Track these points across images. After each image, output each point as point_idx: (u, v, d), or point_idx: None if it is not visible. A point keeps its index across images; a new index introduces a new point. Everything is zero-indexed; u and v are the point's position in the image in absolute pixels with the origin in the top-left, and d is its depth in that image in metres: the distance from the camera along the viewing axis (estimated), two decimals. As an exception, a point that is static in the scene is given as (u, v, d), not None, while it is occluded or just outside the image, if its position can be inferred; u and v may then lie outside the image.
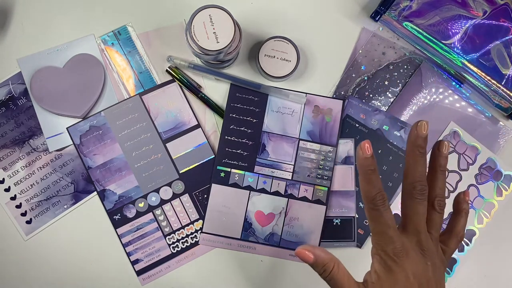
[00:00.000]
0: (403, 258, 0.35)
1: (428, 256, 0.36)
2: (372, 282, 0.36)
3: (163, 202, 0.54)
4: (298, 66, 0.53)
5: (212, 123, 0.55)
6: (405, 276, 0.35)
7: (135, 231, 0.53)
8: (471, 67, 0.53)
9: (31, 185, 0.54)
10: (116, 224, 0.53)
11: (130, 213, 0.53)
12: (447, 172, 0.39)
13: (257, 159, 0.54)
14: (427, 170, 0.38)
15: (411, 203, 0.37)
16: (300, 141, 0.54)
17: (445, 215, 0.55)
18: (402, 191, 0.38)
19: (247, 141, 0.54)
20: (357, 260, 0.54)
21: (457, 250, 0.55)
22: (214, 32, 0.46)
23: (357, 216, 0.54)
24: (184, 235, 0.54)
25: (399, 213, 0.54)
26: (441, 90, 0.56)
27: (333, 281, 0.37)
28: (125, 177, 0.54)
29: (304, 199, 0.54)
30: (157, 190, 0.54)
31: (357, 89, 0.56)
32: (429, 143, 0.55)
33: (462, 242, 0.55)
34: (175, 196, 0.54)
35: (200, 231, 0.54)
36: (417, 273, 0.35)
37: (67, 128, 0.54)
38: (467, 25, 0.53)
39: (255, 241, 0.53)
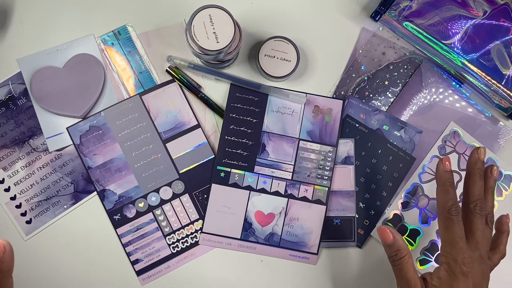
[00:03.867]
0: (469, 269, 0.39)
1: (486, 269, 0.41)
2: (434, 285, 0.40)
3: (163, 202, 0.54)
4: (298, 66, 0.53)
5: (212, 123, 0.55)
6: (466, 285, 0.39)
7: (135, 231, 0.53)
8: (471, 67, 0.53)
9: (31, 185, 0.54)
10: (116, 224, 0.53)
11: (130, 213, 0.53)
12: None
13: (257, 159, 0.54)
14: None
15: (473, 219, 0.42)
16: (300, 141, 0.54)
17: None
18: (464, 208, 0.43)
19: (247, 141, 0.54)
20: (357, 260, 0.54)
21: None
22: (214, 32, 0.46)
23: (357, 216, 0.54)
24: (184, 235, 0.54)
25: (398, 213, 0.55)
26: (441, 90, 0.56)
27: (400, 267, 0.40)
28: (125, 177, 0.54)
29: (304, 199, 0.54)
30: (157, 190, 0.54)
31: (357, 89, 0.56)
32: (429, 144, 0.56)
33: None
34: (175, 196, 0.54)
35: (200, 231, 0.54)
36: (476, 283, 0.39)
37: (67, 128, 0.54)
38: (467, 25, 0.53)
39: (255, 241, 0.53)
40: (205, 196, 0.54)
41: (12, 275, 0.33)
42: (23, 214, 0.53)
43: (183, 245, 0.54)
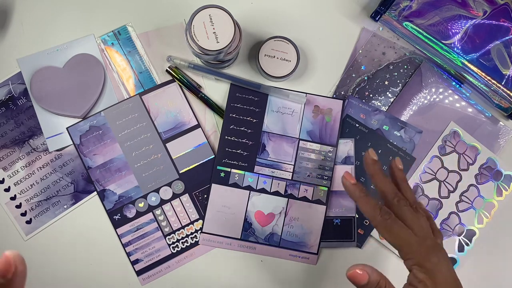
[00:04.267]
0: (437, 257, 0.38)
1: (445, 252, 0.39)
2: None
3: (163, 202, 0.54)
4: (298, 66, 0.53)
5: (212, 123, 0.55)
6: (449, 269, 0.38)
7: (135, 231, 0.53)
8: (471, 67, 0.53)
9: (31, 185, 0.53)
10: (116, 224, 0.53)
11: (130, 213, 0.53)
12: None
13: (257, 159, 0.54)
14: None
15: (402, 213, 0.40)
16: (300, 141, 0.54)
17: (445, 215, 0.55)
18: (389, 208, 0.41)
19: (247, 141, 0.54)
20: (357, 260, 0.54)
21: (457, 250, 0.55)
22: (214, 32, 0.46)
23: (357, 216, 0.54)
24: (184, 235, 0.54)
25: (399, 213, 0.54)
26: (441, 90, 0.56)
27: None
28: (125, 177, 0.54)
29: (304, 199, 0.54)
30: (157, 190, 0.54)
31: (357, 89, 0.56)
32: (429, 144, 0.56)
33: (462, 242, 0.55)
34: (175, 196, 0.54)
35: (200, 231, 0.54)
36: (450, 267, 0.38)
37: (67, 128, 0.54)
38: (467, 25, 0.53)
39: (255, 241, 0.53)
40: (205, 196, 0.54)
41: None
42: (23, 214, 0.53)
43: (183, 245, 0.54)
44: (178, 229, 0.54)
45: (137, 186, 0.54)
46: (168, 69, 0.54)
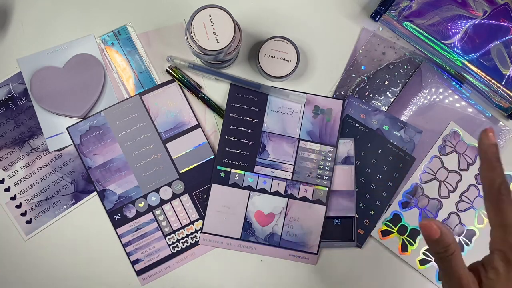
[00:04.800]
0: None
1: None
2: (490, 278, 0.34)
3: (163, 202, 0.54)
4: (298, 66, 0.53)
5: (212, 123, 0.55)
6: None
7: (135, 231, 0.53)
8: (471, 67, 0.53)
9: (31, 185, 0.53)
10: (116, 224, 0.53)
11: (130, 213, 0.53)
12: None
13: (257, 159, 0.54)
14: None
15: (503, 204, 0.34)
16: (300, 141, 0.54)
17: (445, 215, 0.55)
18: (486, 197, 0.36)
19: (247, 141, 0.54)
20: (357, 260, 0.54)
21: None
22: (214, 32, 0.46)
23: (357, 216, 0.54)
24: (184, 235, 0.54)
25: (398, 212, 0.55)
26: (441, 90, 0.56)
27: (449, 264, 0.35)
28: (125, 177, 0.54)
29: (304, 199, 0.54)
30: (157, 190, 0.54)
31: (357, 89, 0.56)
32: (429, 144, 0.56)
33: (462, 242, 0.55)
34: (175, 196, 0.54)
35: (200, 231, 0.54)
36: None
37: (67, 128, 0.54)
38: (467, 25, 0.53)
39: (255, 241, 0.53)
40: (205, 196, 0.54)
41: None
42: (23, 214, 0.53)
43: (183, 245, 0.54)
44: (178, 229, 0.54)
45: (137, 186, 0.54)
46: (168, 69, 0.54)
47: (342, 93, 0.56)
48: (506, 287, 0.33)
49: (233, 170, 0.54)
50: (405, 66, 0.56)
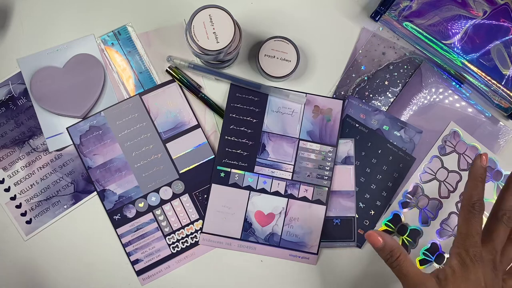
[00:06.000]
0: (479, 263, 0.39)
1: (498, 276, 0.40)
2: (446, 276, 0.39)
3: (163, 202, 0.54)
4: (298, 66, 0.53)
5: (212, 123, 0.55)
6: (478, 279, 0.38)
7: (135, 231, 0.53)
8: (471, 67, 0.53)
9: (31, 185, 0.53)
10: (116, 224, 0.53)
11: (130, 213, 0.53)
12: None
13: (257, 159, 0.54)
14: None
15: (497, 226, 0.41)
16: (300, 141, 0.54)
17: (445, 215, 0.55)
18: (491, 214, 0.43)
19: (247, 141, 0.54)
20: (357, 260, 0.54)
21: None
22: (214, 32, 0.46)
23: (357, 216, 0.54)
24: (184, 235, 0.54)
25: (398, 212, 0.55)
26: (441, 90, 0.56)
27: (399, 268, 0.40)
28: (125, 177, 0.54)
29: (304, 199, 0.54)
30: (157, 190, 0.54)
31: (357, 89, 0.56)
32: (429, 144, 0.56)
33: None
34: (175, 196, 0.54)
35: (200, 231, 0.54)
36: (487, 283, 0.38)
37: (67, 128, 0.54)
38: (467, 25, 0.53)
39: (255, 241, 0.53)
40: (205, 196, 0.54)
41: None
42: (23, 214, 0.53)
43: (183, 245, 0.54)
44: (178, 229, 0.54)
45: (137, 186, 0.54)
46: (168, 69, 0.54)
47: (342, 93, 0.56)
48: (459, 281, 0.38)
49: (233, 170, 0.54)
50: (405, 66, 0.56)
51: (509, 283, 0.42)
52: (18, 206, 0.53)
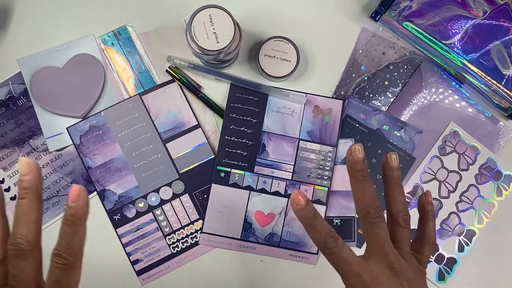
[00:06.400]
0: None
1: (401, 276, 0.34)
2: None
3: (163, 202, 0.54)
4: (298, 66, 0.53)
5: (212, 123, 0.55)
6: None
7: (135, 231, 0.53)
8: (471, 67, 0.53)
9: (31, 185, 0.53)
10: (116, 224, 0.53)
11: (130, 213, 0.53)
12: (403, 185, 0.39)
13: (257, 159, 0.54)
14: (375, 191, 0.36)
15: (370, 228, 0.35)
16: (300, 141, 0.54)
17: (445, 215, 0.55)
18: (359, 218, 0.36)
19: (247, 141, 0.54)
20: (357, 260, 0.54)
21: (457, 250, 0.55)
22: (214, 32, 0.46)
23: (357, 216, 0.54)
24: (184, 235, 0.54)
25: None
26: (441, 90, 0.56)
27: (334, 256, 0.35)
28: (125, 177, 0.54)
29: (304, 199, 0.54)
30: (157, 190, 0.54)
31: (357, 89, 0.56)
32: (429, 144, 0.56)
33: (462, 242, 0.55)
34: (175, 196, 0.54)
35: (200, 231, 0.54)
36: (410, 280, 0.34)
37: (67, 128, 0.54)
38: (467, 25, 0.53)
39: (255, 241, 0.53)
40: (205, 196, 0.54)
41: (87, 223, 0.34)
42: (23, 214, 0.53)
43: (183, 245, 0.54)
44: (178, 229, 0.54)
45: (137, 186, 0.54)
46: (168, 69, 0.54)
47: (342, 93, 0.56)
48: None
49: (233, 170, 0.54)
50: (405, 66, 0.56)
51: (423, 250, 0.39)
52: (18, 206, 0.53)
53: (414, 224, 0.54)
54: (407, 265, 0.35)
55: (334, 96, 0.55)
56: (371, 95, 0.56)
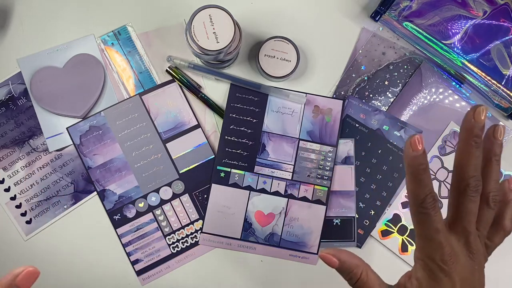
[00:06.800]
0: (451, 265, 0.32)
1: (476, 259, 0.33)
2: None
3: (163, 202, 0.54)
4: (298, 66, 0.53)
5: (212, 123, 0.55)
6: (452, 285, 0.32)
7: (135, 231, 0.53)
8: (471, 67, 0.53)
9: (31, 185, 0.53)
10: (116, 224, 0.53)
11: (130, 213, 0.53)
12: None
13: (257, 159, 0.54)
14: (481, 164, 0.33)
15: (463, 201, 0.33)
16: (300, 141, 0.54)
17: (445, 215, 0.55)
18: (453, 185, 0.34)
19: (247, 141, 0.54)
20: (357, 260, 0.54)
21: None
22: (214, 32, 0.46)
23: (357, 216, 0.54)
24: (184, 235, 0.54)
25: (398, 212, 0.55)
26: (441, 90, 0.56)
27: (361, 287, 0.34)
28: (125, 177, 0.54)
29: (304, 199, 0.54)
30: (157, 190, 0.54)
31: (357, 89, 0.56)
32: (429, 144, 0.56)
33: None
34: (175, 196, 0.54)
35: (200, 231, 0.54)
36: (464, 280, 0.32)
37: (67, 128, 0.54)
38: (467, 25, 0.53)
39: (255, 241, 0.53)
40: (205, 196, 0.54)
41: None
42: (23, 214, 0.53)
43: (183, 245, 0.54)
44: (178, 229, 0.54)
45: (137, 186, 0.54)
46: (168, 69, 0.54)
47: (342, 93, 0.56)
48: None
49: (233, 170, 0.54)
50: (405, 66, 0.56)
51: (495, 238, 0.36)
52: (18, 206, 0.53)
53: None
54: (482, 249, 0.34)
55: (334, 96, 0.55)
56: (371, 95, 0.56)
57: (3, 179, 0.54)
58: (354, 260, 0.35)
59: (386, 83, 0.56)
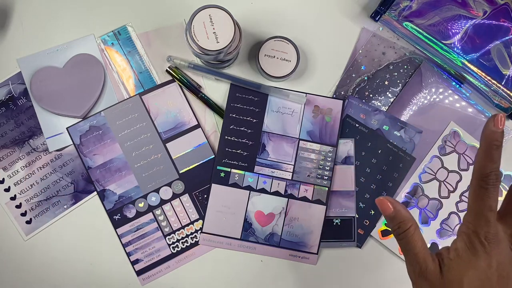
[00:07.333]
0: (493, 245, 0.33)
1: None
2: (450, 258, 0.34)
3: (163, 202, 0.54)
4: (298, 66, 0.53)
5: (212, 123, 0.55)
6: (488, 264, 0.33)
7: (135, 231, 0.53)
8: (471, 67, 0.53)
9: (31, 185, 0.54)
10: (116, 224, 0.53)
11: (130, 213, 0.53)
12: None
13: (257, 159, 0.54)
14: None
15: (484, 192, 0.34)
16: (300, 141, 0.54)
17: (445, 215, 0.55)
18: (474, 179, 0.35)
19: (247, 141, 0.54)
20: (357, 260, 0.54)
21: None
22: (214, 32, 0.46)
23: (357, 216, 0.54)
24: (184, 235, 0.54)
25: (399, 213, 0.54)
26: (441, 90, 0.56)
27: (405, 241, 0.35)
28: (125, 177, 0.54)
29: (304, 199, 0.54)
30: (157, 190, 0.54)
31: (357, 89, 0.56)
32: (429, 144, 0.56)
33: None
34: (175, 196, 0.54)
35: (200, 231, 0.54)
36: (501, 264, 0.33)
37: (67, 128, 0.54)
38: (467, 25, 0.53)
39: (255, 241, 0.53)
40: (205, 196, 0.54)
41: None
42: (23, 214, 0.53)
43: (183, 245, 0.54)
44: (178, 229, 0.54)
45: (137, 186, 0.54)
46: (168, 69, 0.54)
47: (342, 93, 0.56)
48: (463, 268, 0.33)
49: (233, 170, 0.54)
50: (405, 66, 0.56)
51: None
52: (18, 206, 0.53)
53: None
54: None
55: (334, 96, 0.55)
56: (371, 95, 0.56)
57: (3, 179, 0.54)
58: (407, 213, 0.36)
59: (386, 83, 0.56)
